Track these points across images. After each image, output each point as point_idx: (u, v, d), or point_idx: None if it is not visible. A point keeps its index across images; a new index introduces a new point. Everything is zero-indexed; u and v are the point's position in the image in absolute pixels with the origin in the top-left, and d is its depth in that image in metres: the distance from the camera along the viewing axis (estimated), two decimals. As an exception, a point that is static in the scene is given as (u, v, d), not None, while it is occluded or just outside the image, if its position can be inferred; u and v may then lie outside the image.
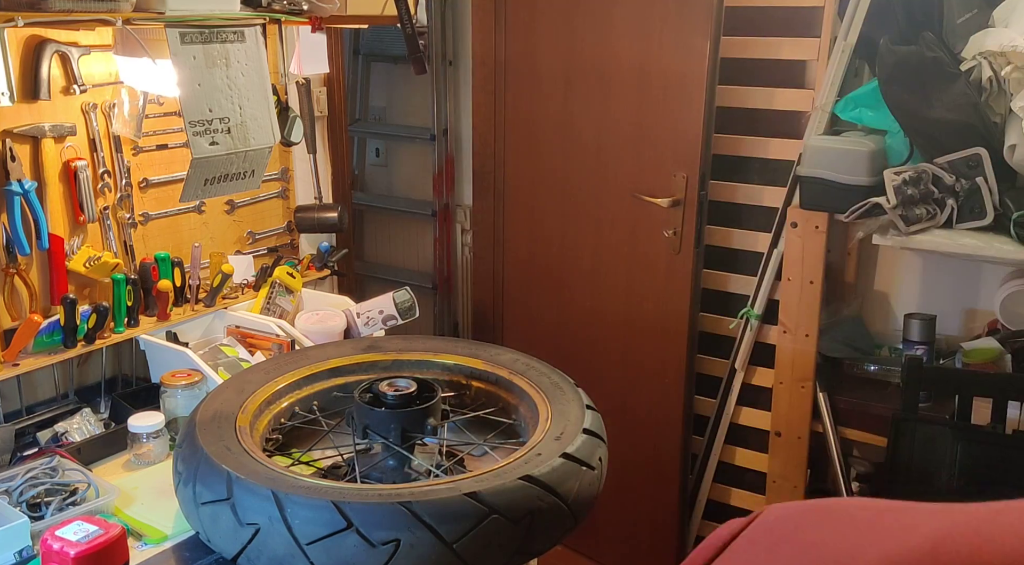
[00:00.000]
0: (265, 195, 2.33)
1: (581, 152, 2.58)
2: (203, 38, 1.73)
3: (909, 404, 2.03)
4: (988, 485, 1.95)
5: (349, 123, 2.92)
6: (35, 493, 1.46)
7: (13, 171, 1.73)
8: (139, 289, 1.92)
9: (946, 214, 2.00)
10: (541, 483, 1.27)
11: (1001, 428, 1.96)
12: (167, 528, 1.44)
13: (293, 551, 1.17)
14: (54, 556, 1.18)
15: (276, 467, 1.30)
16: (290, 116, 2.18)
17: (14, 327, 1.76)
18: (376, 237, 3.34)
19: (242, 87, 1.81)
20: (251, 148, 1.85)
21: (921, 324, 2.20)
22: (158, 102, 1.98)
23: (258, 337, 2.03)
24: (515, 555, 1.23)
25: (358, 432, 1.47)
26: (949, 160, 2.00)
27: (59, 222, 1.85)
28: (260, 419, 1.52)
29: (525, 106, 2.73)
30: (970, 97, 1.96)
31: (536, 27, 2.66)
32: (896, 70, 2.02)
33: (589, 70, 2.55)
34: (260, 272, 2.21)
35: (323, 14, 2.00)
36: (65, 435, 1.74)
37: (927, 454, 2.00)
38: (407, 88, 3.13)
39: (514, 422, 1.60)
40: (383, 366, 1.71)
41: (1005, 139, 1.95)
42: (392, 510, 1.17)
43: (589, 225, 2.60)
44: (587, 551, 2.86)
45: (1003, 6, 1.99)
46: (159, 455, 1.68)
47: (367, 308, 2.14)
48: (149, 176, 2.03)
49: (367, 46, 3.17)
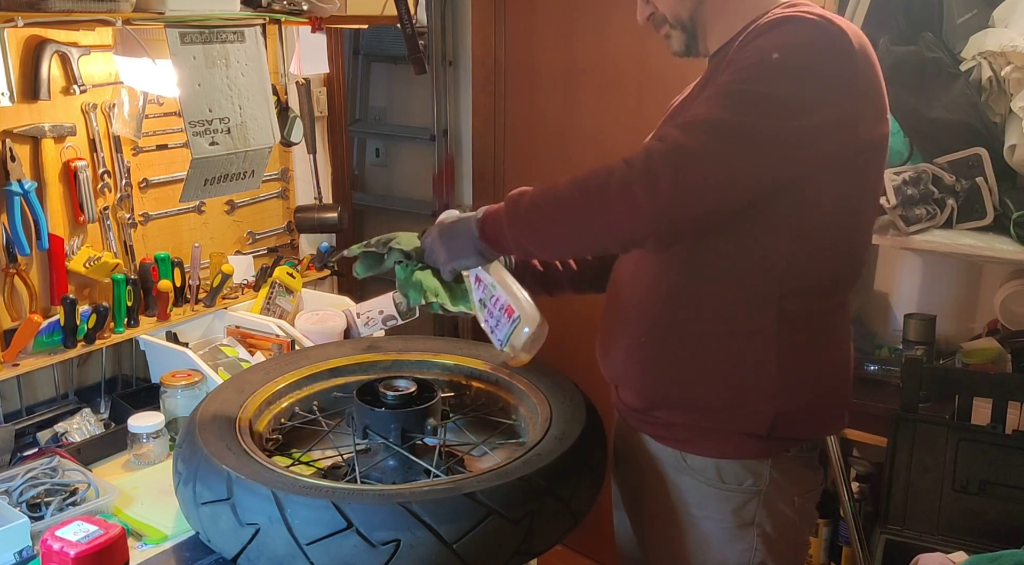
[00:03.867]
0: (265, 195, 2.33)
1: (581, 152, 2.58)
2: (203, 38, 1.73)
3: (909, 404, 2.03)
4: (988, 485, 1.95)
5: (349, 123, 2.92)
6: (35, 493, 1.46)
7: (13, 171, 1.73)
8: (139, 289, 1.92)
9: (946, 214, 2.00)
10: (541, 483, 1.27)
11: (1001, 428, 1.96)
12: (167, 528, 1.44)
13: (293, 551, 1.17)
14: (54, 556, 1.18)
15: (276, 467, 1.30)
16: (290, 116, 2.18)
17: (14, 327, 1.76)
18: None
19: (242, 87, 1.81)
20: (251, 148, 1.85)
21: (921, 324, 2.20)
22: (158, 102, 1.98)
23: (258, 337, 2.03)
24: (515, 555, 1.23)
25: (358, 432, 1.47)
26: (949, 160, 2.00)
27: (59, 222, 1.85)
28: (260, 419, 1.52)
29: (525, 106, 2.73)
30: (970, 97, 1.96)
31: (536, 27, 2.66)
32: (896, 70, 2.02)
33: (589, 70, 2.55)
34: (260, 272, 2.21)
35: (323, 14, 2.00)
36: (65, 435, 1.74)
37: (927, 454, 2.00)
38: (407, 88, 3.13)
39: (514, 422, 1.60)
40: (383, 366, 1.71)
41: (1005, 139, 1.95)
42: (392, 510, 1.17)
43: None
44: (587, 551, 2.86)
45: (1003, 6, 1.99)
46: (159, 455, 1.68)
47: (367, 308, 2.14)
48: (149, 176, 2.03)
49: (367, 46, 3.17)
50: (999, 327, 2.17)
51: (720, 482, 1.36)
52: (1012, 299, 2.12)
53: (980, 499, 1.95)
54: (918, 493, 2.01)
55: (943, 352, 2.23)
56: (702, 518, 1.39)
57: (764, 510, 1.37)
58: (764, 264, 1.28)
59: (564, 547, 2.68)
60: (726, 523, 1.38)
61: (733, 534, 1.38)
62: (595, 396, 1.57)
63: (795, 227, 1.26)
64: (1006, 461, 1.93)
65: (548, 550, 1.29)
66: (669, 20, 1.38)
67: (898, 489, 2.02)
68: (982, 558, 1.44)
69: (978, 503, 1.96)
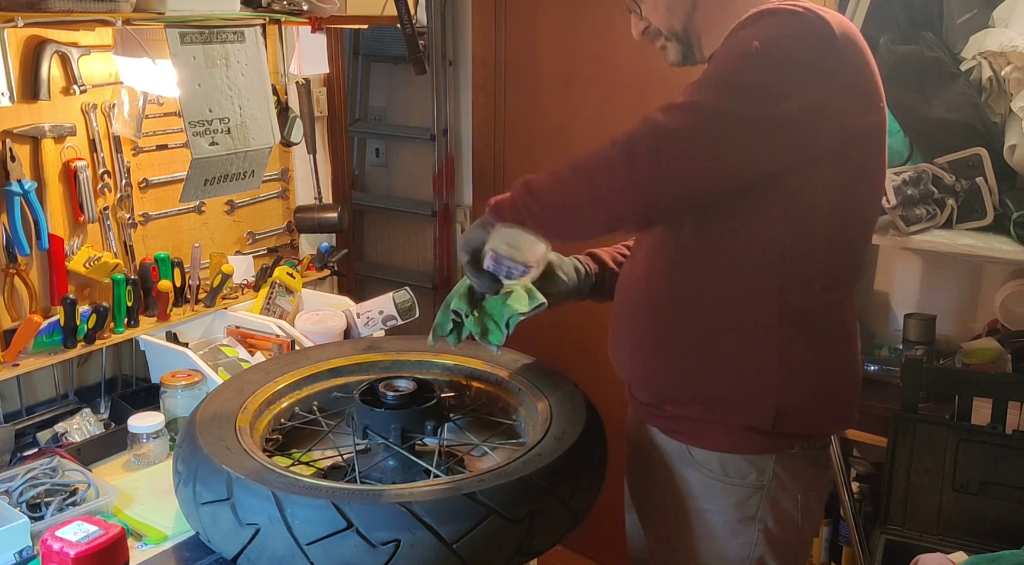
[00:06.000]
0: (265, 195, 2.33)
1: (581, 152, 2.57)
2: (203, 38, 1.73)
3: (909, 404, 2.03)
4: (988, 485, 1.95)
5: (349, 123, 2.92)
6: (35, 493, 1.46)
7: (13, 171, 1.73)
8: (139, 289, 1.92)
9: (946, 214, 2.00)
10: (541, 483, 1.27)
11: (1001, 428, 1.96)
12: (167, 528, 1.44)
13: (293, 551, 1.17)
14: (54, 556, 1.18)
15: (276, 467, 1.30)
16: (290, 116, 2.18)
17: (14, 327, 1.76)
18: (376, 237, 3.34)
19: (242, 87, 1.81)
20: (251, 148, 1.85)
21: (921, 324, 2.20)
22: (158, 102, 1.98)
23: (258, 337, 2.03)
24: (515, 555, 1.23)
25: (358, 432, 1.47)
26: (949, 160, 2.00)
27: (59, 222, 1.85)
28: (260, 419, 1.52)
29: (525, 106, 2.73)
30: (970, 97, 1.96)
31: (536, 27, 2.66)
32: (896, 70, 2.02)
33: (589, 70, 2.55)
34: (260, 272, 2.21)
35: (323, 14, 2.00)
36: (65, 435, 1.74)
37: (927, 454, 2.00)
38: (407, 88, 3.13)
39: (514, 422, 1.60)
40: (383, 366, 1.71)
41: (1005, 139, 1.95)
42: (392, 510, 1.17)
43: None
44: (587, 551, 2.86)
45: (1003, 6, 1.99)
46: (159, 455, 1.68)
47: (367, 308, 2.14)
48: (149, 176, 2.03)
49: (367, 46, 3.17)
50: (999, 327, 2.17)
51: (724, 475, 1.38)
52: (1012, 299, 2.12)
53: (980, 499, 1.95)
54: (918, 493, 2.01)
55: (943, 352, 2.23)
56: (706, 511, 1.41)
57: (767, 505, 1.38)
58: (763, 256, 1.29)
59: (564, 547, 2.68)
60: (728, 516, 1.39)
61: (734, 528, 1.40)
62: (596, 396, 1.57)
63: (790, 218, 1.28)
64: (1006, 461, 1.93)
65: (548, 550, 1.29)
66: (664, 33, 1.41)
67: (898, 489, 2.02)
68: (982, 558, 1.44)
69: (978, 503, 1.96)
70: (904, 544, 1.95)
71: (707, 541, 1.42)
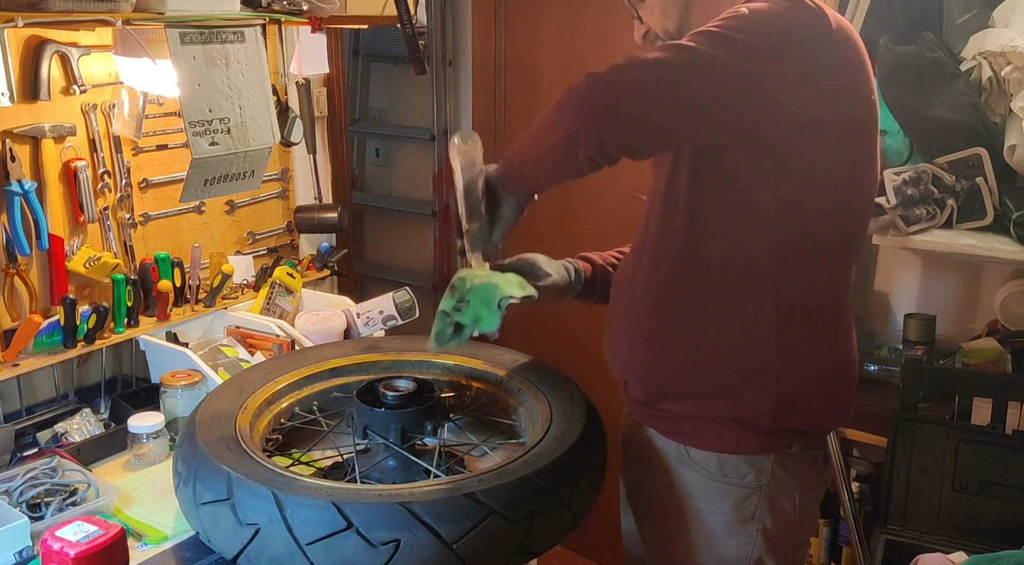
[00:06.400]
0: (265, 195, 2.33)
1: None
2: (203, 38, 1.73)
3: (909, 404, 2.03)
4: (988, 485, 1.95)
5: (349, 123, 2.92)
6: (35, 493, 1.46)
7: (13, 171, 1.73)
8: (139, 289, 1.92)
9: (946, 214, 2.01)
10: (541, 483, 1.27)
11: (1001, 428, 1.96)
12: (167, 528, 1.44)
13: (293, 551, 1.17)
14: (54, 556, 1.17)
15: (276, 467, 1.30)
16: (290, 116, 2.18)
17: (14, 327, 1.76)
18: (376, 237, 3.34)
19: (242, 87, 1.81)
20: (251, 148, 1.85)
21: (921, 324, 2.20)
22: (158, 102, 1.98)
23: (258, 337, 2.03)
24: (515, 555, 1.23)
25: (358, 432, 1.47)
26: (949, 160, 2.00)
27: (59, 222, 1.85)
28: (260, 419, 1.52)
29: (525, 106, 2.73)
30: (970, 97, 1.96)
31: (536, 27, 2.66)
32: (896, 70, 2.02)
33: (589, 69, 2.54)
34: (260, 272, 2.21)
35: (323, 14, 2.00)
36: (65, 435, 1.74)
37: (927, 454, 2.00)
38: (407, 88, 3.13)
39: (514, 422, 1.60)
40: (383, 366, 1.71)
41: (1005, 139, 1.95)
42: (392, 510, 1.17)
43: (588, 225, 2.60)
44: (587, 551, 2.86)
45: (1003, 6, 1.99)
46: (159, 455, 1.68)
47: (367, 308, 2.14)
48: (149, 176, 2.03)
49: (367, 46, 3.17)
50: (999, 327, 2.17)
51: (722, 476, 1.38)
52: (1012, 299, 2.12)
53: (980, 499, 1.96)
54: (918, 493, 2.01)
55: (943, 352, 2.23)
56: (704, 511, 1.41)
57: (765, 505, 1.38)
58: (756, 241, 1.30)
59: (564, 547, 2.68)
60: (727, 517, 1.39)
61: (733, 528, 1.40)
62: (595, 396, 1.57)
63: (781, 202, 1.28)
64: (1006, 461, 1.93)
65: (548, 550, 1.29)
66: (661, 36, 1.40)
67: (898, 489, 2.03)
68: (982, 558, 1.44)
69: (978, 503, 1.96)
70: (904, 544, 1.95)
71: (705, 542, 1.42)
